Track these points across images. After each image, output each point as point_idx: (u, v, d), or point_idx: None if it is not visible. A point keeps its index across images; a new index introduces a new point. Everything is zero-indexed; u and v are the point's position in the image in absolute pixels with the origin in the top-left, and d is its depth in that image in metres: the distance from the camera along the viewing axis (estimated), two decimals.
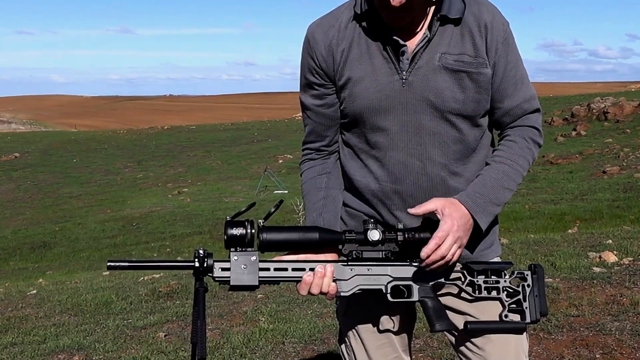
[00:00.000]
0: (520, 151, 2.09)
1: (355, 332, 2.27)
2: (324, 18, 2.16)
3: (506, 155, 2.09)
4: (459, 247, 1.98)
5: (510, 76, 2.07)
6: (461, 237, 1.98)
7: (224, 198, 29.36)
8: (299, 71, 2.20)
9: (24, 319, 6.84)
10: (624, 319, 4.89)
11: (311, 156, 2.27)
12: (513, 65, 2.08)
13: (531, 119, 2.12)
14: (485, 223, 2.03)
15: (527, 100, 2.11)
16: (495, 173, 2.07)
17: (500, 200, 2.07)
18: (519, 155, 2.09)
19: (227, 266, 1.93)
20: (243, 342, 5.22)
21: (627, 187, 19.28)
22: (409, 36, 2.05)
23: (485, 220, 2.03)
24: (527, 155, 2.10)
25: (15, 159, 49.76)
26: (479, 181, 2.07)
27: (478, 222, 2.01)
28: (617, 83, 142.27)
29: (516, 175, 2.08)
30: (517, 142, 2.10)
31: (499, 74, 2.06)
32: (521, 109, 2.11)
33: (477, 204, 2.02)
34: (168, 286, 7.49)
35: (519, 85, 2.10)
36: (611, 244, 7.48)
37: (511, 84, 2.08)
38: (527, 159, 2.11)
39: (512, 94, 2.09)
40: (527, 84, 2.13)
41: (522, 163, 2.09)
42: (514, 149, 2.09)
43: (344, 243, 2.01)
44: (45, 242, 23.37)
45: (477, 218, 2.01)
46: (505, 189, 2.07)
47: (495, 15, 2.07)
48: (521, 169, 2.09)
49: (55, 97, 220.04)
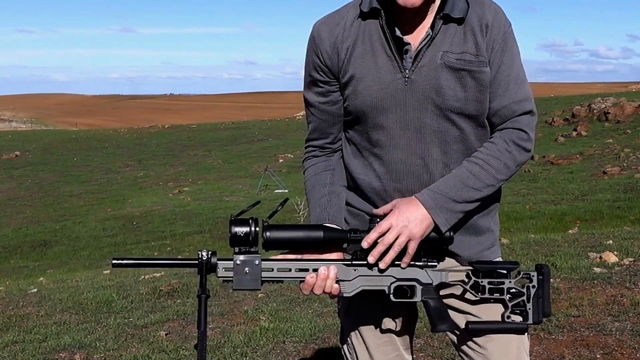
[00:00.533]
0: (496, 152, 2.06)
1: (357, 331, 2.27)
2: (329, 16, 2.17)
3: (480, 155, 2.07)
4: (408, 239, 1.97)
5: (502, 77, 2.06)
6: (409, 228, 1.97)
7: (224, 197, 29.37)
8: (304, 68, 2.22)
9: (25, 317, 6.85)
10: (625, 319, 4.89)
11: (314, 153, 2.28)
12: (507, 65, 2.07)
13: (520, 121, 2.08)
14: (444, 220, 2.01)
15: (518, 101, 2.08)
16: (462, 172, 2.05)
17: (463, 198, 2.03)
18: (493, 156, 2.05)
19: (230, 266, 1.94)
20: (244, 341, 5.23)
21: (628, 188, 19.28)
22: (413, 34, 2.06)
23: (443, 217, 2.00)
24: (504, 158, 2.06)
25: (16, 158, 49.77)
26: (443, 179, 2.06)
27: (435, 220, 2.00)
28: (618, 83, 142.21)
29: (486, 176, 2.04)
30: (496, 144, 2.07)
31: (492, 73, 2.06)
32: (510, 110, 2.08)
33: (435, 201, 2.01)
34: (169, 285, 7.49)
35: (510, 86, 2.07)
36: (612, 244, 7.48)
37: (502, 84, 2.07)
38: (504, 161, 2.06)
39: (502, 95, 2.07)
40: (521, 85, 2.10)
41: (495, 164, 2.05)
42: (490, 150, 2.07)
43: (349, 242, 2.01)
44: (45, 241, 23.38)
45: (433, 216, 2.00)
46: (469, 187, 2.03)
47: (497, 14, 2.08)
48: (493, 170, 2.05)
49: (56, 95, 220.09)
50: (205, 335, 1.83)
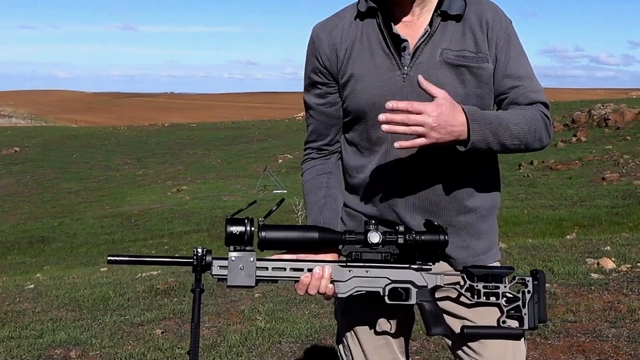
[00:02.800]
0: (532, 116, 2.01)
1: (353, 332, 2.27)
2: (328, 19, 2.19)
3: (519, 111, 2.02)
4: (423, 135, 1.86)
5: (512, 70, 2.06)
6: (434, 129, 1.86)
7: (222, 196, 29.37)
8: (303, 71, 2.23)
9: (21, 313, 6.84)
10: (621, 325, 4.89)
11: (312, 155, 2.28)
12: (515, 60, 2.07)
13: (540, 107, 2.05)
14: (473, 141, 1.91)
15: (535, 91, 2.07)
16: (505, 114, 2.00)
17: (498, 135, 1.95)
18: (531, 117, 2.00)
19: (225, 264, 1.94)
20: (240, 340, 5.22)
21: (627, 194, 19.31)
22: (411, 32, 2.07)
23: (475, 138, 1.91)
24: (537, 124, 2.01)
25: (15, 154, 49.77)
26: (489, 112, 1.99)
27: (470, 134, 1.91)
28: (619, 90, 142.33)
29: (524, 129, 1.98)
30: (528, 110, 2.03)
31: (501, 67, 2.06)
32: (528, 97, 2.05)
33: (477, 120, 1.92)
34: (166, 283, 7.49)
35: (524, 79, 2.07)
36: (609, 250, 7.48)
37: (515, 77, 2.06)
38: (536, 126, 2.00)
39: (518, 85, 2.06)
40: (534, 79, 2.10)
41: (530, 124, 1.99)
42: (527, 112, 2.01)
43: (344, 244, 2.01)
44: (43, 237, 23.37)
45: (470, 130, 1.90)
46: (509, 131, 1.96)
47: (497, 12, 2.10)
48: (528, 128, 1.99)
49: (56, 92, 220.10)
50: (198, 328, 1.83)
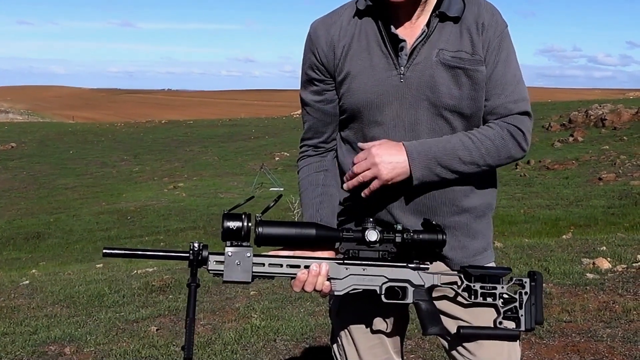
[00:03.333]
0: (492, 136, 2.05)
1: (348, 332, 2.27)
2: (326, 16, 2.19)
3: (476, 133, 2.06)
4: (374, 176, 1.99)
5: (499, 75, 2.07)
6: (378, 167, 1.98)
7: (219, 194, 29.33)
8: (301, 68, 2.23)
9: (16, 309, 6.83)
10: (616, 325, 4.89)
11: (308, 153, 2.28)
12: (504, 65, 2.07)
13: (516, 119, 2.07)
14: (418, 177, 2.00)
15: (515, 101, 2.08)
16: (455, 141, 2.04)
17: (446, 164, 2.01)
18: (488, 138, 2.04)
19: (221, 259, 1.94)
20: (235, 338, 5.22)
21: (623, 195, 19.32)
22: (409, 32, 2.07)
23: (419, 174, 2.00)
24: (498, 142, 2.04)
25: (12, 149, 49.64)
26: (435, 140, 2.04)
27: (412, 172, 1.99)
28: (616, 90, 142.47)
29: (476, 153, 2.03)
30: (493, 129, 2.06)
31: (487, 72, 2.06)
32: (506, 108, 2.07)
33: (419, 155, 2.00)
34: (161, 280, 7.48)
35: (507, 86, 2.07)
36: (605, 250, 7.48)
37: (499, 83, 2.07)
38: (496, 146, 2.04)
39: (499, 93, 2.07)
40: (518, 85, 2.10)
41: (488, 146, 2.04)
42: (486, 132, 2.05)
43: (341, 241, 2.00)
44: (39, 233, 23.31)
45: (412, 167, 1.99)
46: (457, 158, 2.02)
47: (494, 15, 2.10)
48: (484, 150, 2.03)
49: (54, 88, 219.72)
50: (193, 323, 1.82)
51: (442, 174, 2.02)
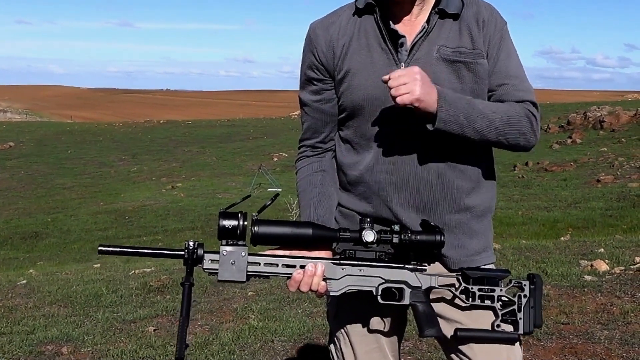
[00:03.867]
0: (510, 110, 2.04)
1: (346, 335, 2.25)
2: (325, 16, 2.20)
3: (502, 105, 2.05)
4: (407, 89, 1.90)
5: (502, 67, 2.08)
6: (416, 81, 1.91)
7: (217, 194, 29.31)
8: (299, 68, 2.23)
9: (13, 308, 6.82)
10: (614, 327, 4.89)
11: (307, 153, 2.28)
12: (506, 59, 2.10)
13: (528, 106, 2.07)
14: (442, 118, 1.95)
15: (522, 90, 2.09)
16: (485, 103, 2.03)
17: (470, 118, 1.98)
18: (507, 111, 2.03)
19: (216, 258, 1.94)
20: (232, 339, 5.21)
21: (621, 197, 19.33)
22: (408, 29, 2.08)
23: (444, 115, 1.95)
24: (515, 118, 2.03)
25: (10, 149, 49.60)
26: (465, 97, 2.01)
27: (437, 111, 1.94)
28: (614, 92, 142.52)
29: (497, 118, 2.01)
30: (510, 105, 2.06)
31: (491, 64, 2.08)
32: (515, 96, 2.08)
33: (449, 97, 1.97)
34: (159, 280, 7.47)
35: (512, 78, 2.09)
36: (603, 252, 7.48)
37: (504, 75, 2.08)
38: (515, 120, 2.03)
39: (506, 83, 2.08)
40: (523, 79, 2.12)
41: (507, 116, 2.02)
42: (505, 106, 2.05)
43: (338, 241, 2.00)
44: (37, 233, 23.29)
45: (438, 107, 1.95)
46: (482, 115, 2.00)
47: (493, 13, 2.13)
48: (505, 119, 2.02)
49: (52, 87, 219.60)
50: (186, 322, 1.82)
51: (464, 125, 1.98)
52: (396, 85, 1.91)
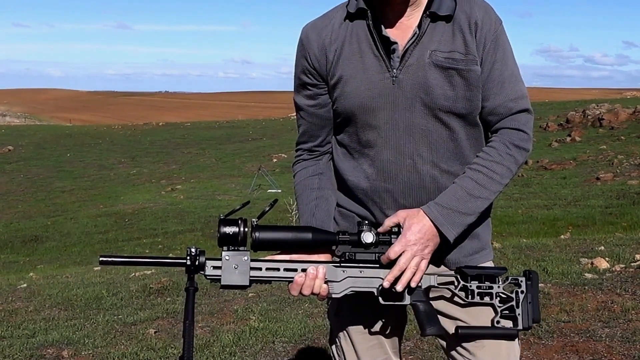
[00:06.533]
0: (498, 157, 2.04)
1: (346, 333, 2.26)
2: (317, 20, 2.18)
3: (482, 162, 2.04)
4: (422, 259, 1.97)
5: (496, 74, 2.05)
6: (420, 249, 1.96)
7: (217, 196, 29.34)
8: (293, 73, 2.21)
9: (14, 312, 6.82)
10: (615, 325, 4.89)
11: (303, 157, 2.27)
12: (501, 63, 2.06)
13: (518, 119, 2.06)
14: (452, 234, 1.99)
15: (514, 99, 2.06)
16: (467, 182, 2.03)
17: (472, 210, 2.01)
18: (496, 162, 2.03)
19: (218, 264, 1.93)
20: (233, 340, 5.21)
21: (620, 194, 19.34)
22: (400, 34, 2.05)
23: (452, 232, 1.99)
24: (507, 162, 2.04)
25: (9, 152, 49.58)
26: (450, 191, 2.03)
27: (446, 235, 1.98)
28: (613, 90, 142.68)
29: (491, 183, 2.03)
30: (497, 149, 2.05)
31: (485, 72, 2.04)
32: (506, 107, 2.06)
33: (443, 215, 1.98)
34: (159, 283, 7.47)
35: (505, 84, 2.06)
36: (603, 250, 7.49)
37: (497, 82, 2.05)
38: (506, 166, 2.04)
39: (498, 93, 2.05)
40: (517, 83, 2.09)
41: (499, 170, 2.03)
42: (492, 156, 2.04)
43: (337, 244, 2.00)
44: (37, 236, 23.31)
45: (442, 230, 1.98)
46: (477, 198, 2.01)
47: (487, 12, 2.07)
48: (498, 176, 2.03)
49: (51, 90, 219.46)
50: (192, 328, 1.81)
51: (472, 219, 2.03)
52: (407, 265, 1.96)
